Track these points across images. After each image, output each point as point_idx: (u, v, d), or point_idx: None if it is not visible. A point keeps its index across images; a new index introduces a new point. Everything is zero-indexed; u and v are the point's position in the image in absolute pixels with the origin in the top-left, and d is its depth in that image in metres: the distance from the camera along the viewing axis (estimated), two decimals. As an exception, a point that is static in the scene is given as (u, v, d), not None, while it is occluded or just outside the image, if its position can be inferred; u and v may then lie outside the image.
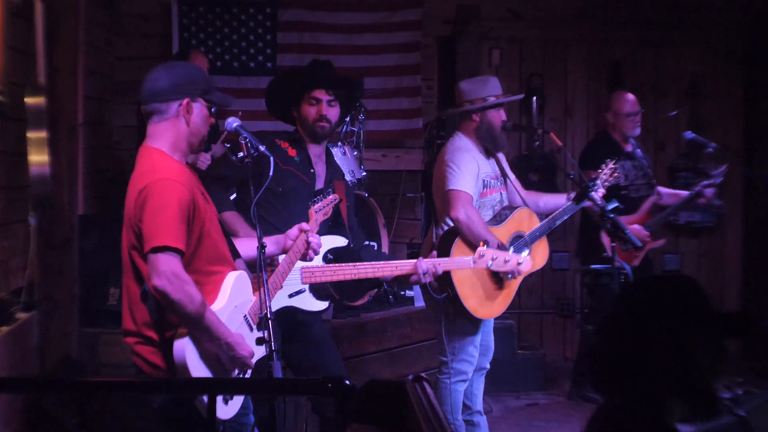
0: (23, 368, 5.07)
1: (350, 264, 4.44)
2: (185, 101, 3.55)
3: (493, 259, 4.66)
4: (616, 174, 5.44)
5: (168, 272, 3.33)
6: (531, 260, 5.20)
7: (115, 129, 7.75)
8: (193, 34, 7.69)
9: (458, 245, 5.02)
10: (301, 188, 4.62)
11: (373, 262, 4.50)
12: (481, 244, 4.68)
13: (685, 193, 6.65)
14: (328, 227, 4.62)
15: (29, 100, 5.13)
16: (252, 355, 3.62)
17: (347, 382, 2.54)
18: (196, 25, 7.71)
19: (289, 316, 4.44)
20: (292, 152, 4.63)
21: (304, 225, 4.13)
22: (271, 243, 4.01)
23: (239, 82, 7.69)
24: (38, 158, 5.16)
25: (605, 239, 6.41)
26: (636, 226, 6.52)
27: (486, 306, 5.11)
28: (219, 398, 3.49)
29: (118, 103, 7.74)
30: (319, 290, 4.49)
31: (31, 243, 5.27)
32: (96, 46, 7.24)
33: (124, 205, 3.57)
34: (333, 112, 4.68)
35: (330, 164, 4.84)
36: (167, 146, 3.55)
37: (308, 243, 4.10)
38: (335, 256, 4.59)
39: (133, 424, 4.53)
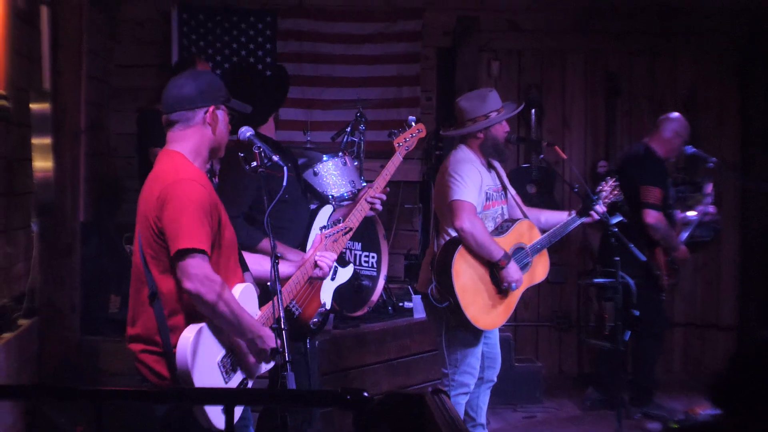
0: (25, 374, 5.04)
1: (341, 225, 4.47)
2: (211, 108, 3.57)
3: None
4: (616, 192, 5.44)
5: (201, 275, 3.35)
6: (531, 273, 5.32)
7: (112, 136, 7.71)
8: (193, 42, 7.68)
9: (461, 253, 5.02)
10: (299, 191, 4.78)
11: (352, 212, 4.58)
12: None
13: (693, 215, 7.08)
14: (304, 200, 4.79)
15: (34, 106, 5.11)
16: (278, 349, 3.62)
17: (366, 394, 2.51)
18: (196, 33, 7.69)
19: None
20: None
21: (315, 242, 4.21)
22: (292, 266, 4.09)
23: (238, 90, 7.65)
24: (42, 164, 5.14)
25: (660, 257, 6.57)
26: (683, 248, 6.82)
27: (486, 316, 5.11)
28: (219, 408, 3.46)
29: (114, 109, 7.72)
30: (339, 259, 4.55)
31: (33, 249, 5.24)
32: (94, 52, 7.21)
33: (138, 207, 3.56)
34: None
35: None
36: (189, 151, 3.56)
37: (315, 263, 4.14)
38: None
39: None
